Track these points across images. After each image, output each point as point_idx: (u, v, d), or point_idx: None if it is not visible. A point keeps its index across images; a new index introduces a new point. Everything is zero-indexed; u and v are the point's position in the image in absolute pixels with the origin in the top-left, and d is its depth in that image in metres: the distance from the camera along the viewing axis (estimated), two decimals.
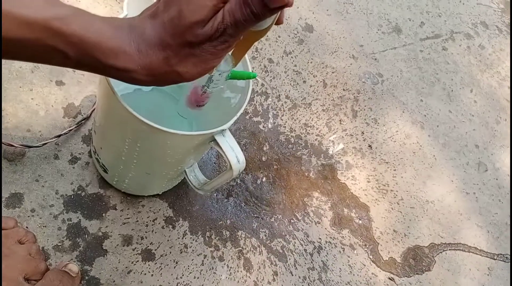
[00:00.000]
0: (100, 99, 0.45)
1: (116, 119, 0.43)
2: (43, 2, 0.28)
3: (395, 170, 0.82)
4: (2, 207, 0.54)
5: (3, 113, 0.58)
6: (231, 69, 0.39)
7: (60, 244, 0.55)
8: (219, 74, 0.39)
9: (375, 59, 0.92)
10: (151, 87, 0.56)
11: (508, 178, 0.92)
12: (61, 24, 0.27)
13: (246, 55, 0.41)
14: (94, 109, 0.63)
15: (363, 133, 0.83)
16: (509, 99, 1.03)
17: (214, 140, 0.43)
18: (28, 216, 0.55)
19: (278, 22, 0.33)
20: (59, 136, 0.58)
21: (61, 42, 0.28)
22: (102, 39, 0.28)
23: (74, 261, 0.55)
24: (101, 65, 0.29)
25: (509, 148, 0.96)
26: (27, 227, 0.54)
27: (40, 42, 0.27)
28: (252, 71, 0.46)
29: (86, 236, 0.57)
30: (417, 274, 0.74)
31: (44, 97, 0.62)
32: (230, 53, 0.38)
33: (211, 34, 0.28)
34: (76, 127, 0.60)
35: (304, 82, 0.83)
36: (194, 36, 0.28)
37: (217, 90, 0.41)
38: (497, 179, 0.91)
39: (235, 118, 0.44)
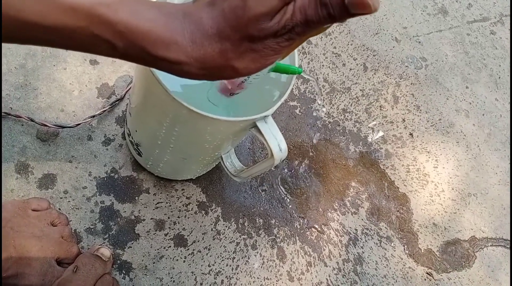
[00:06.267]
0: (137, 80, 0.43)
1: (154, 102, 0.41)
2: None
3: (436, 160, 0.78)
4: (35, 188, 0.53)
5: (36, 92, 0.57)
6: (276, 61, 0.36)
7: (92, 227, 0.54)
8: None
9: (419, 42, 0.87)
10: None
11: None
12: (107, 10, 0.24)
13: None
14: (128, 90, 0.61)
15: (404, 120, 0.79)
16: None
17: (255, 126, 0.41)
18: (61, 198, 0.54)
19: None
20: (93, 116, 0.57)
21: (107, 31, 0.25)
22: (152, 28, 0.25)
23: (106, 245, 0.54)
24: (150, 56, 0.26)
25: None
26: (59, 208, 0.54)
27: (84, 30, 0.25)
28: (299, 66, 0.42)
29: (119, 219, 0.56)
30: (456, 270, 0.71)
31: (78, 76, 0.60)
32: None
33: (277, 30, 0.25)
34: (110, 107, 0.59)
35: (344, 65, 0.79)
36: (258, 30, 0.25)
37: (256, 81, 0.38)
38: None
39: (278, 104, 0.41)
